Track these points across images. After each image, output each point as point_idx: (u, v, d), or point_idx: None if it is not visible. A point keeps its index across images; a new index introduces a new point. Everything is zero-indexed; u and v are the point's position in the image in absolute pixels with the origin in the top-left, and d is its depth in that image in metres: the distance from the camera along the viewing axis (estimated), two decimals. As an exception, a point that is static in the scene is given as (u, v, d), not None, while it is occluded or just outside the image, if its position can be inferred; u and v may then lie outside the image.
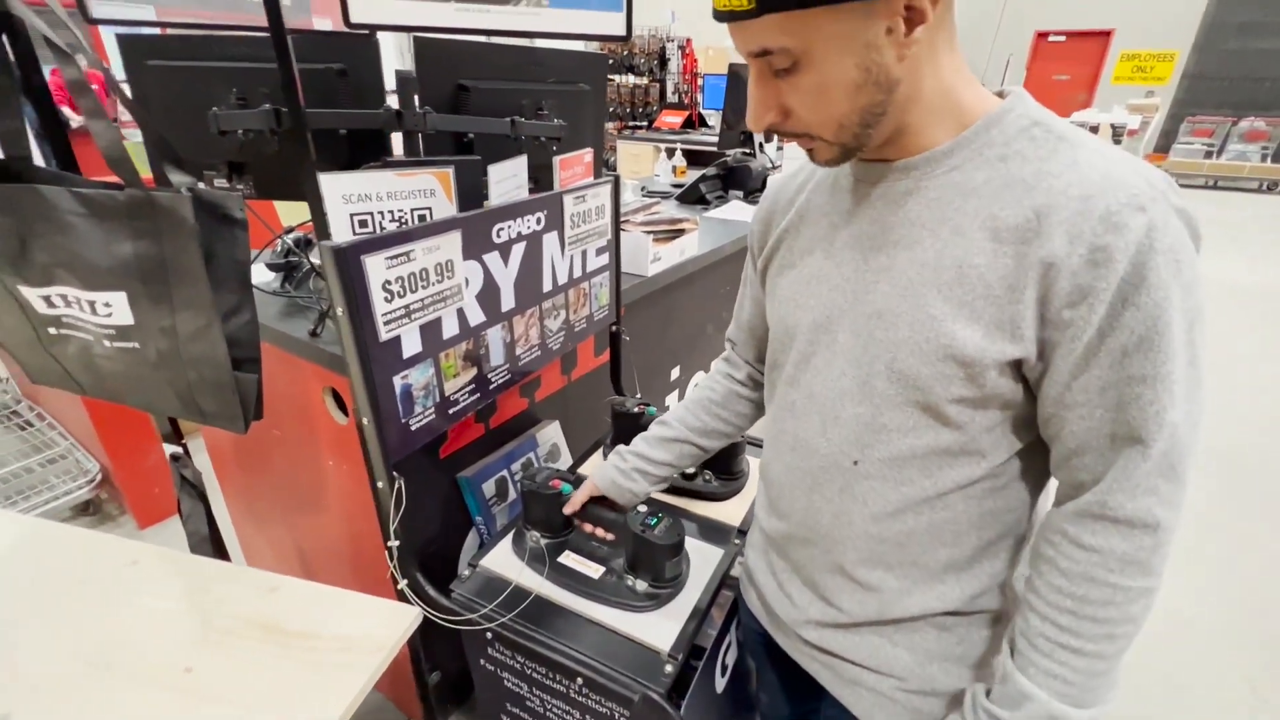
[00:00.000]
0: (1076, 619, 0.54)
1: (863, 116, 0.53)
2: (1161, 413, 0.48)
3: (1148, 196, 0.47)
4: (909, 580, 0.63)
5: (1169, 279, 0.47)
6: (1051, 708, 0.54)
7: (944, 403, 0.55)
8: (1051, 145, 0.51)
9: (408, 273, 0.76)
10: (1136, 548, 0.52)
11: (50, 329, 0.89)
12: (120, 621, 0.77)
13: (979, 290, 0.52)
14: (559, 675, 0.83)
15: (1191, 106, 10.13)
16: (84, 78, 0.76)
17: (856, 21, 0.48)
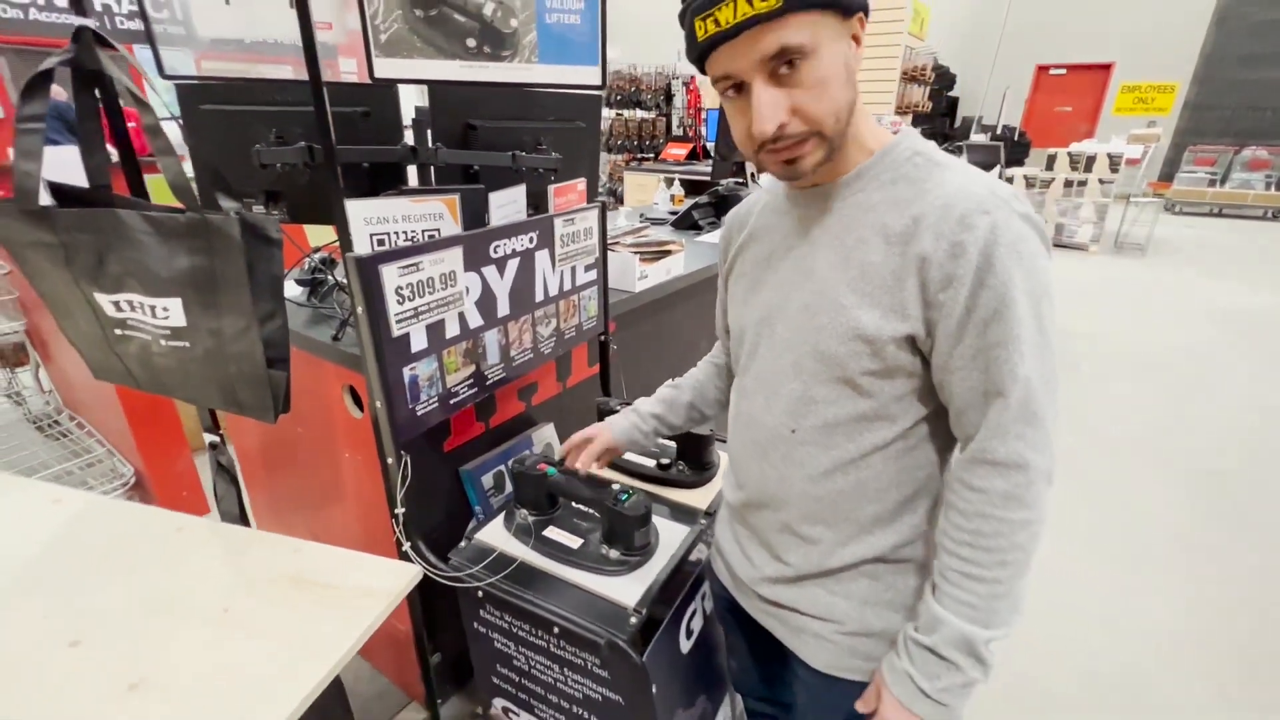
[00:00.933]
0: (974, 550, 0.65)
1: (849, 109, 0.64)
2: (1015, 369, 0.61)
3: (991, 203, 0.60)
4: (843, 534, 0.75)
5: (1011, 265, 0.59)
6: (962, 628, 0.65)
7: (857, 375, 0.68)
8: (928, 170, 0.65)
9: (416, 280, 0.91)
10: (1013, 485, 0.63)
11: (117, 330, 1.05)
12: (169, 573, 0.91)
13: (875, 282, 0.65)
14: (540, 630, 0.95)
15: (1193, 136, 10.26)
16: (158, 123, 0.93)
17: (841, 27, 0.60)
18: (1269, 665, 1.75)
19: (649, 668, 0.88)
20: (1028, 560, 0.65)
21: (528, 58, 1.00)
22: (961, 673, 0.66)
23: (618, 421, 1.05)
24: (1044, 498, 0.64)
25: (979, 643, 0.65)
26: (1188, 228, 8.46)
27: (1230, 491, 2.56)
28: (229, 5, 0.94)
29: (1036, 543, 0.65)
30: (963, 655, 0.65)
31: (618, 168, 6.55)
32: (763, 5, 0.56)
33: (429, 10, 0.89)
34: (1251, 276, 5.92)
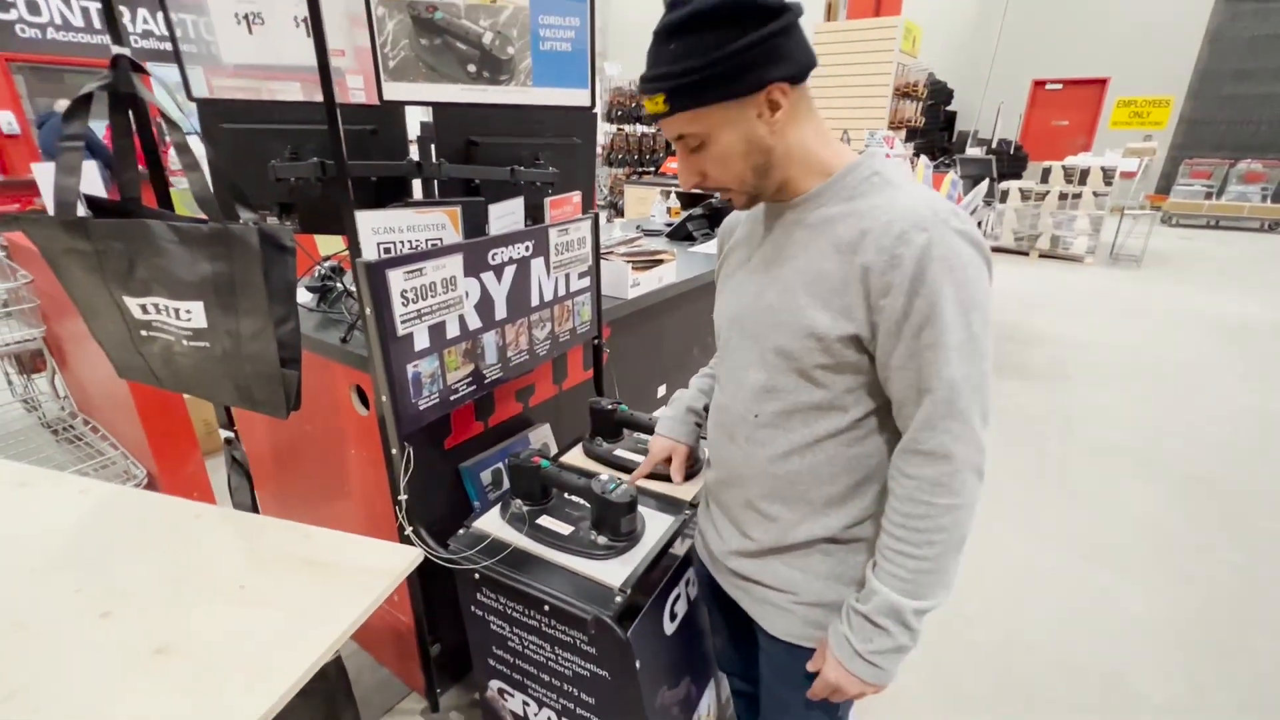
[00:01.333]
0: (906, 530, 0.73)
1: (755, 173, 0.76)
2: (940, 369, 0.68)
3: (929, 221, 0.67)
4: (799, 513, 0.83)
5: (942, 277, 0.67)
6: (891, 598, 0.74)
7: (811, 368, 0.77)
8: (881, 188, 0.73)
9: (420, 284, 0.99)
10: (940, 473, 0.71)
11: (142, 331, 1.13)
12: (189, 554, 0.98)
13: (827, 287, 0.74)
14: (532, 610, 1.02)
15: (1189, 150, 10.36)
16: (186, 141, 1.02)
17: (736, 111, 0.71)
18: (1246, 664, 1.79)
19: (633, 643, 0.94)
20: (953, 541, 0.73)
21: (523, 81, 1.09)
22: (891, 637, 0.74)
23: (679, 427, 1.17)
24: (970, 486, 0.71)
25: (906, 611, 0.73)
26: (1184, 240, 8.54)
27: (1216, 495, 2.61)
28: (251, 35, 1.02)
29: (962, 527, 0.73)
30: (892, 622, 0.74)
31: (619, 181, 6.67)
32: (656, 109, 0.72)
33: (433, 39, 0.98)
34: (1244, 287, 5.99)
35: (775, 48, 0.67)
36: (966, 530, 0.73)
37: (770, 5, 0.66)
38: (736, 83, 0.68)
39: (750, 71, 0.68)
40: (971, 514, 0.73)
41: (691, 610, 1.18)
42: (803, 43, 0.70)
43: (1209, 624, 1.94)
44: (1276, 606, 2.01)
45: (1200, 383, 3.77)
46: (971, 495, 0.72)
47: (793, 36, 0.68)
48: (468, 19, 0.99)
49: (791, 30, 0.68)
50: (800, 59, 0.70)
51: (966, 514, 0.73)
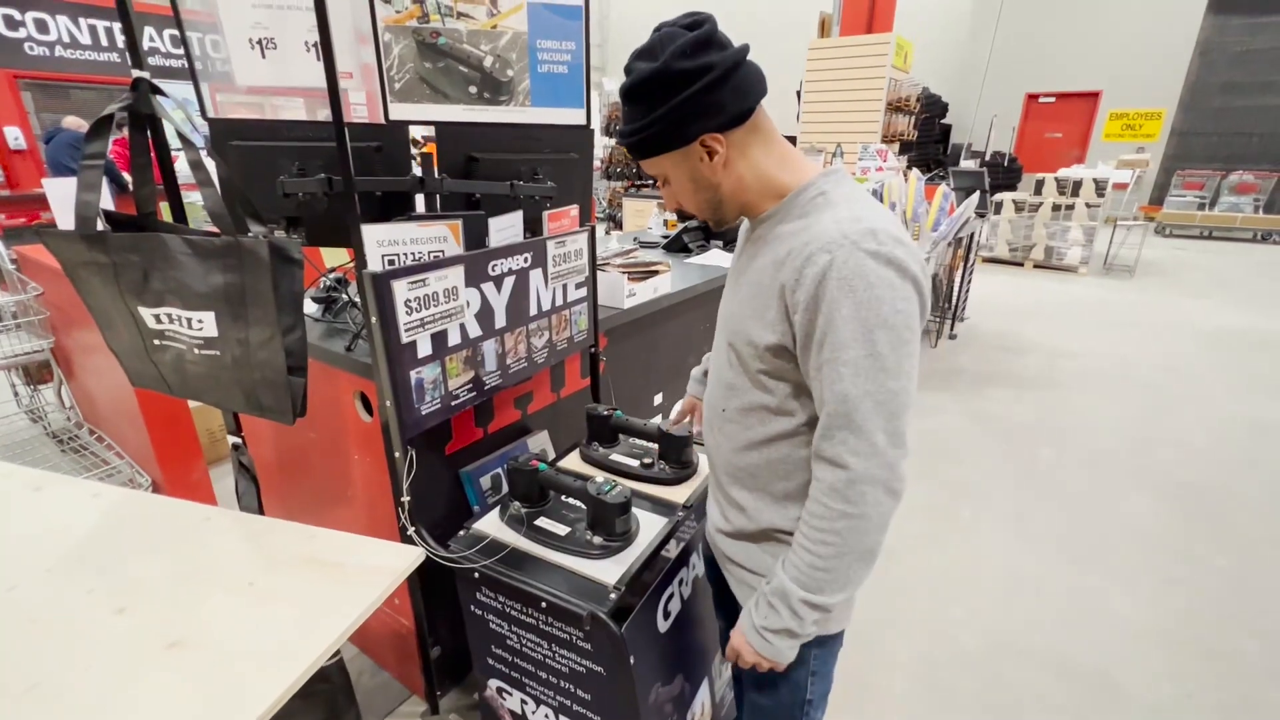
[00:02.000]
0: (807, 526, 0.79)
1: (709, 204, 0.86)
2: (834, 384, 0.73)
3: (835, 244, 0.71)
4: (761, 503, 0.89)
5: (839, 296, 0.70)
6: (784, 583, 0.80)
7: (756, 373, 0.84)
8: (821, 208, 0.78)
9: (423, 294, 1.04)
10: (835, 479, 0.75)
11: (155, 340, 1.18)
12: (199, 554, 1.02)
13: (761, 300, 0.80)
14: (529, 607, 1.06)
15: (1181, 161, 10.48)
16: (200, 158, 1.07)
17: (679, 158, 0.81)
18: (1232, 666, 1.82)
19: (627, 639, 0.98)
20: (846, 545, 0.76)
21: (522, 102, 1.15)
22: (779, 617, 0.80)
23: (697, 386, 1.29)
24: (870, 500, 0.74)
25: (793, 598, 0.79)
26: (1177, 250, 8.62)
27: (1204, 502, 2.65)
28: (264, 59, 1.08)
29: (859, 537, 0.75)
30: (781, 604, 0.80)
31: (617, 194, 6.75)
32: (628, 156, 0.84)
33: (437, 62, 1.03)
34: (1235, 297, 6.05)
35: (700, 104, 0.74)
36: (868, 541, 0.76)
37: (688, 70, 0.72)
38: (669, 140, 0.78)
39: (679, 129, 0.77)
40: (873, 526, 0.75)
41: (685, 609, 1.21)
42: (739, 89, 0.76)
43: (1196, 627, 1.97)
44: (1262, 610, 2.04)
45: (1190, 391, 3.81)
46: (873, 509, 0.74)
47: (723, 88, 0.74)
48: (469, 43, 1.04)
49: (717, 85, 0.74)
50: (733, 107, 0.76)
51: (864, 525, 0.75)
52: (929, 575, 2.18)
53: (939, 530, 2.44)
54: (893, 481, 0.74)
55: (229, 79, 1.17)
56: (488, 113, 1.13)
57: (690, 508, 1.25)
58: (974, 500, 2.65)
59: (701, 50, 0.73)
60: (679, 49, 0.72)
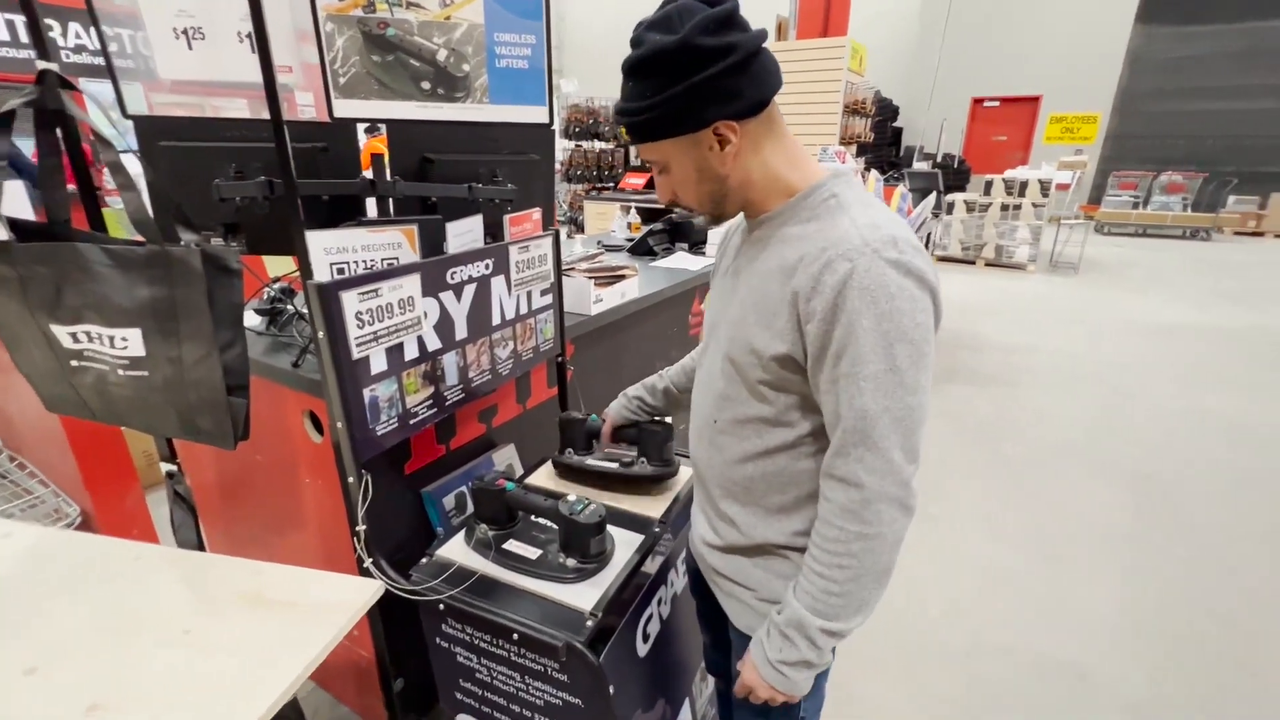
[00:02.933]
0: (819, 550, 0.74)
1: (711, 198, 0.80)
2: (853, 400, 0.69)
3: (856, 251, 0.67)
4: (754, 517, 0.85)
5: (861, 307, 0.66)
6: (799, 612, 0.75)
7: (755, 383, 0.78)
8: (834, 211, 0.74)
9: (376, 305, 0.96)
10: (850, 499, 0.71)
11: (73, 361, 1.06)
12: (127, 600, 0.91)
13: (767, 307, 0.75)
14: (500, 639, 0.99)
15: (1116, 162, 11.01)
16: (119, 160, 0.97)
17: (687, 145, 0.74)
18: (1197, 653, 1.87)
19: (605, 669, 0.92)
20: (864, 568, 0.72)
21: (480, 98, 1.08)
22: (797, 650, 0.76)
23: (613, 406, 1.31)
24: (885, 518, 0.70)
25: (811, 628, 0.74)
26: (1116, 247, 9.03)
27: (1159, 492, 2.74)
28: (192, 50, 0.98)
29: (875, 557, 0.72)
30: (799, 635, 0.75)
31: (578, 197, 6.68)
32: (626, 137, 0.74)
33: (385, 55, 0.96)
34: (1173, 292, 6.36)
35: (719, 88, 0.69)
36: (884, 561, 0.73)
37: (711, 48, 0.67)
38: (681, 123, 0.72)
39: (693, 112, 0.70)
40: (888, 546, 0.72)
41: (665, 629, 1.16)
42: (758, 76, 0.71)
43: (1162, 616, 2.02)
44: (1219, 596, 2.11)
45: (1138, 384, 3.96)
46: (888, 527, 0.71)
47: (744, 73, 0.70)
48: (421, 35, 0.97)
49: (739, 68, 0.69)
50: (751, 95, 0.71)
51: (880, 545, 0.72)
52: (905, 573, 2.18)
53: (912, 528, 2.45)
54: (907, 498, 0.71)
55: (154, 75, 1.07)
56: (442, 110, 1.06)
57: (667, 521, 1.20)
58: (943, 498, 2.68)
59: (725, 28, 0.67)
60: (701, 23, 0.66)
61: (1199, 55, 10.29)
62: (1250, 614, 2.02)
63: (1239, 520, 2.53)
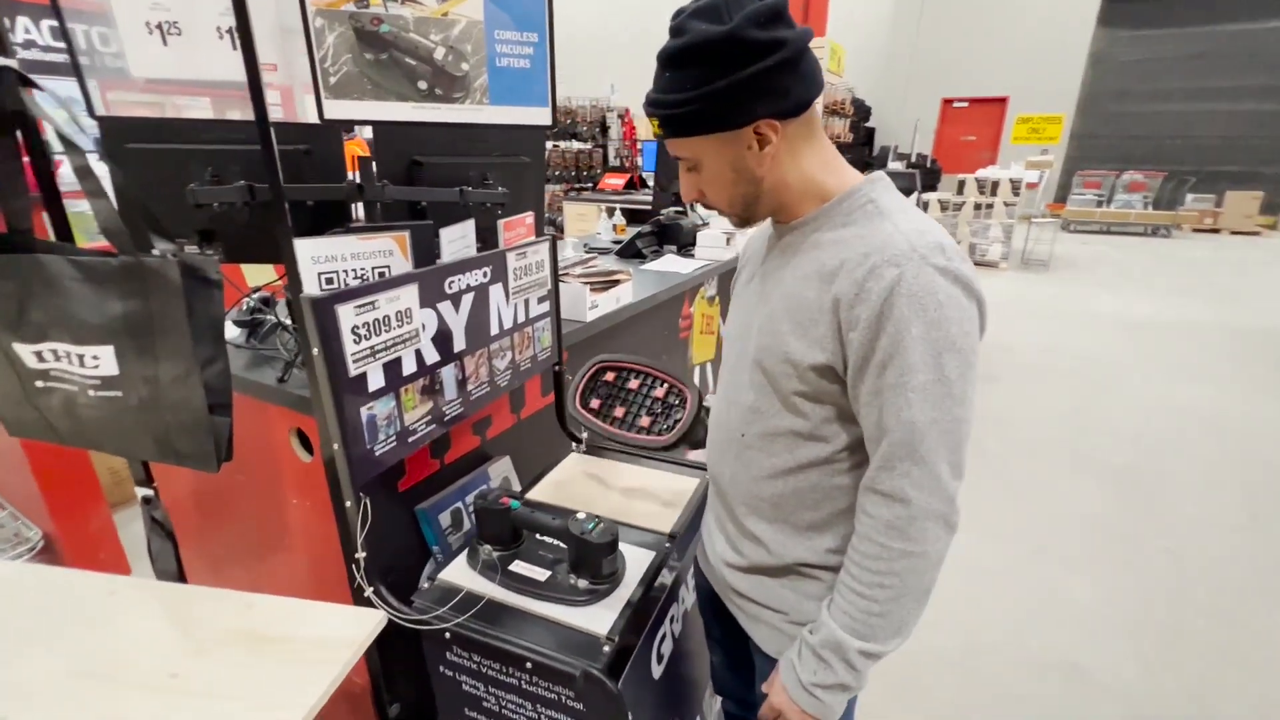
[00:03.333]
0: (859, 569, 0.71)
1: (743, 200, 0.76)
2: (900, 412, 0.66)
3: (904, 256, 0.65)
4: (782, 534, 0.81)
5: (910, 315, 0.64)
6: (837, 634, 0.72)
7: (789, 394, 0.74)
8: (873, 216, 0.71)
9: (372, 319, 0.90)
10: (895, 516, 0.68)
11: (38, 382, 0.98)
12: (106, 640, 0.84)
13: (805, 314, 0.72)
14: (511, 667, 0.94)
15: (1081, 162, 11.32)
16: (88, 164, 0.89)
17: (725, 142, 0.70)
18: (1187, 645, 1.90)
19: (625, 696, 0.88)
20: (906, 588, 0.70)
21: (479, 99, 1.03)
22: (833, 672, 0.73)
23: None
24: (930, 535, 0.68)
25: (850, 650, 0.71)
26: (1083, 244, 9.27)
27: (1140, 484, 2.80)
28: (167, 46, 0.91)
29: (919, 576, 0.70)
30: (835, 658, 0.72)
31: (556, 198, 6.61)
32: (656, 131, 0.74)
33: (379, 54, 0.90)
34: (1139, 287, 6.54)
35: (765, 85, 0.66)
36: (926, 580, 0.71)
37: (761, 41, 0.63)
38: (722, 119, 0.68)
39: (737, 108, 0.67)
40: (932, 564, 0.70)
41: (676, 648, 1.12)
42: (804, 76, 0.68)
43: (1150, 608, 2.05)
44: (1204, 587, 2.15)
45: (1113, 378, 4.06)
46: (933, 545, 0.69)
47: (790, 71, 0.66)
48: (417, 33, 0.91)
49: (787, 66, 0.66)
50: (797, 94, 0.68)
51: (924, 564, 0.69)
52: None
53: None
54: (952, 515, 0.68)
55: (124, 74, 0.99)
56: (440, 111, 1.00)
57: (676, 535, 1.16)
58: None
59: (775, 23, 0.64)
60: (752, 15, 0.62)
61: (1157, 58, 10.65)
62: (1233, 603, 2.07)
63: (1217, 511, 2.59)
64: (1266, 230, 10.35)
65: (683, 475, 1.35)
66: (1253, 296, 6.17)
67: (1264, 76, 10.14)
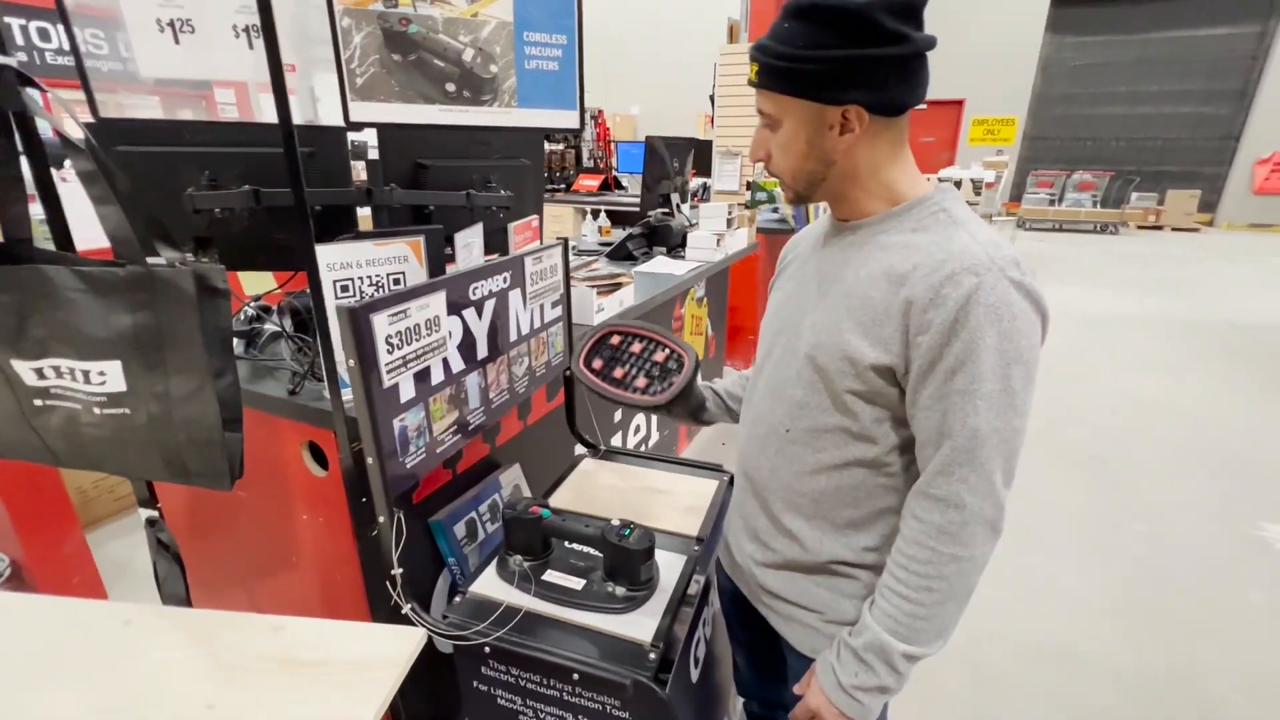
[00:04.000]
0: (906, 573, 0.72)
1: (808, 177, 0.76)
2: (966, 418, 0.67)
3: (984, 267, 0.66)
4: (819, 530, 0.82)
5: (985, 324, 0.65)
6: (881, 637, 0.73)
7: (842, 392, 0.75)
8: (945, 225, 0.72)
9: (404, 327, 0.88)
10: (948, 521, 0.70)
11: (37, 400, 0.92)
12: (129, 675, 0.79)
13: (870, 315, 0.72)
14: (554, 679, 0.92)
15: (1034, 163, 11.77)
16: (95, 169, 0.84)
17: (811, 113, 0.70)
18: (1169, 625, 1.99)
19: (673, 702, 0.87)
20: (953, 592, 0.71)
21: (507, 102, 1.01)
22: (875, 675, 0.73)
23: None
24: (979, 540, 0.70)
25: (894, 653, 0.72)
26: (1039, 242, 9.64)
27: (1113, 473, 2.91)
28: (179, 45, 0.87)
29: (965, 580, 0.72)
30: (878, 660, 0.73)
31: (530, 200, 6.54)
32: (751, 77, 0.73)
33: (407, 55, 0.88)
34: (1096, 283, 6.83)
35: (870, 72, 0.66)
36: (971, 584, 0.73)
37: (887, 29, 0.64)
38: (818, 88, 0.68)
39: (834, 83, 0.67)
40: (978, 569, 0.72)
41: (709, 651, 1.12)
42: (911, 78, 0.68)
43: (1133, 591, 2.14)
44: (1181, 568, 2.25)
45: (1081, 372, 4.22)
46: (980, 549, 0.71)
47: (899, 69, 0.67)
48: (446, 34, 0.89)
49: (899, 62, 0.66)
50: (896, 94, 0.68)
51: (971, 568, 0.71)
52: (894, 569, 2.22)
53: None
54: (999, 521, 0.70)
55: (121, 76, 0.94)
56: (468, 114, 0.98)
57: (704, 539, 1.16)
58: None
59: (906, 17, 0.64)
60: (889, 2, 0.63)
61: (1102, 63, 11.15)
62: (1208, 583, 2.17)
63: (1189, 497, 2.72)
64: (1204, 227, 10.94)
65: (703, 478, 1.35)
66: (1197, 290, 6.51)
67: (1201, 81, 10.72)
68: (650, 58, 10.15)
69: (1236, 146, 10.79)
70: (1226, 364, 4.33)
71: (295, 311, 1.29)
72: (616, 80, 10.40)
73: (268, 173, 1.15)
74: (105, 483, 2.53)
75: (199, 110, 1.73)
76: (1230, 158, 10.89)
